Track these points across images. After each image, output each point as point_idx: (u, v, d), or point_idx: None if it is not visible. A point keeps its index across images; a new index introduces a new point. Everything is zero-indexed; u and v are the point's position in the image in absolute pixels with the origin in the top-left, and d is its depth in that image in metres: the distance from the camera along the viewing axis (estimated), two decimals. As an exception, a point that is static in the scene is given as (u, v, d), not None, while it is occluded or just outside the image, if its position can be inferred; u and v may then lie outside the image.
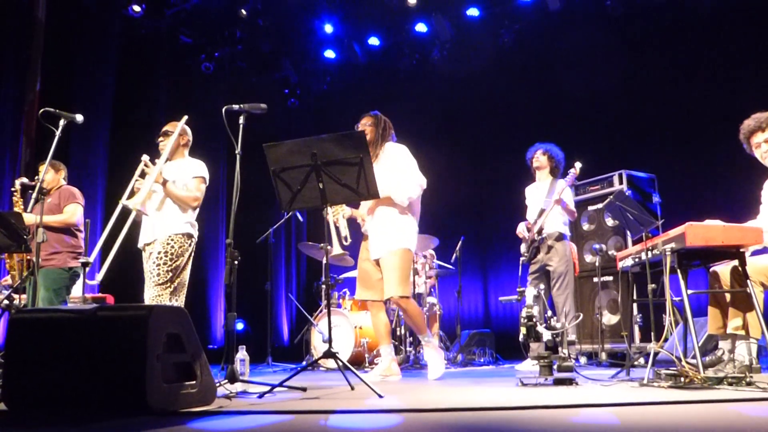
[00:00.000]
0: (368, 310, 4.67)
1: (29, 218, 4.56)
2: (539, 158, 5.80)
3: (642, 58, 8.11)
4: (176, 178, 4.26)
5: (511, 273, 5.76)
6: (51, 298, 4.93)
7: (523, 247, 5.73)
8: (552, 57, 8.83)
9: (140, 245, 4.29)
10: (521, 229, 5.72)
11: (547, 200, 5.58)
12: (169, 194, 4.19)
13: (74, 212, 5.15)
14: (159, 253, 4.09)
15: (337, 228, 4.51)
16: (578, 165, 5.58)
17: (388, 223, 4.36)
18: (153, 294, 4.02)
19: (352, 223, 4.66)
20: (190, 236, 4.23)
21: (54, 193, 5.24)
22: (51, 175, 5.30)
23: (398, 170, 4.38)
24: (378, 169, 4.33)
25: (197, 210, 4.34)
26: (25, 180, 5.21)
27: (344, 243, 4.54)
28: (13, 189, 5.24)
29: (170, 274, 4.06)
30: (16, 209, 5.13)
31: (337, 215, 4.50)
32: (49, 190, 5.24)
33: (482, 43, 9.01)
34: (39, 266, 4.28)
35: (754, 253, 3.80)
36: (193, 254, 4.26)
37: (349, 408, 2.64)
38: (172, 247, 4.11)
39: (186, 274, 4.20)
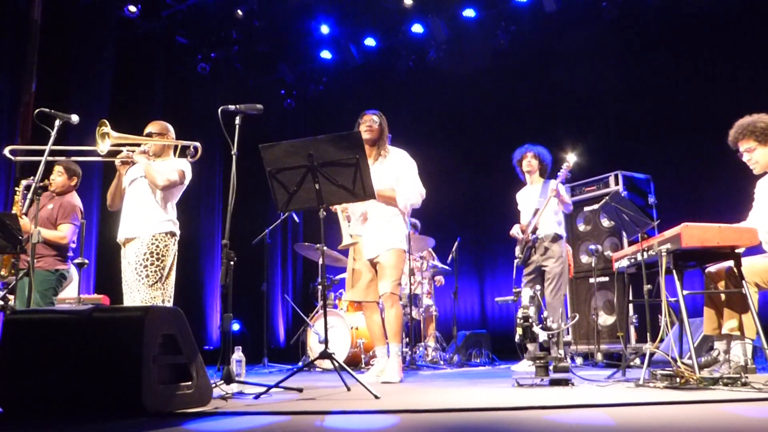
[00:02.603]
0: (364, 311, 4.66)
1: (26, 223, 4.52)
2: (531, 162, 5.79)
3: (638, 59, 8.14)
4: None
5: (507, 274, 5.77)
6: (37, 299, 4.89)
7: (517, 249, 5.73)
8: (548, 58, 8.84)
9: (119, 239, 4.23)
10: (515, 231, 5.72)
11: (541, 200, 5.59)
12: (144, 164, 4.14)
13: (67, 234, 5.02)
14: (145, 254, 4.04)
15: (347, 217, 4.50)
16: (572, 158, 5.55)
17: (385, 223, 4.37)
18: (146, 297, 3.99)
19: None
20: (173, 234, 4.19)
21: (58, 199, 5.11)
22: (63, 179, 5.12)
23: (403, 175, 4.42)
24: (382, 168, 4.36)
25: (175, 204, 4.29)
26: (31, 182, 5.14)
27: (353, 233, 4.53)
28: (16, 188, 5.17)
29: (160, 274, 4.04)
30: (14, 210, 5.09)
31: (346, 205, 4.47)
32: (54, 192, 5.12)
33: (478, 45, 9.01)
34: (34, 267, 4.26)
35: (748, 252, 3.81)
36: (177, 253, 4.23)
37: (345, 409, 2.63)
38: (157, 246, 4.08)
39: (173, 274, 4.18)
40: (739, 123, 3.91)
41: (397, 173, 4.41)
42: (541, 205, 5.56)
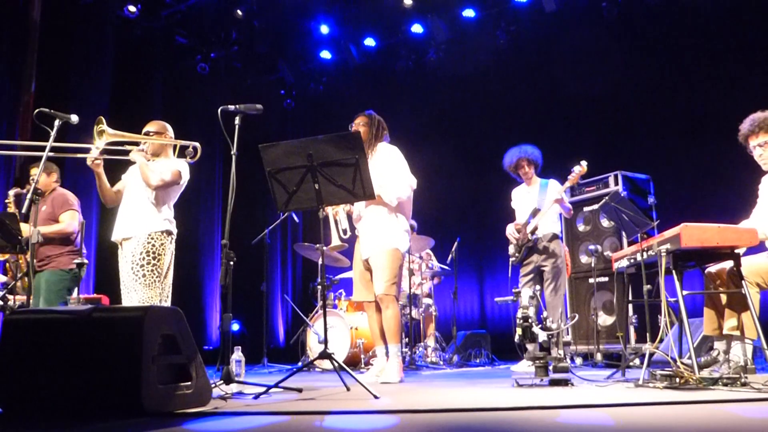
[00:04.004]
0: (364, 311, 4.66)
1: (26, 228, 4.53)
2: (527, 171, 5.75)
3: (637, 59, 8.14)
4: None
5: (506, 274, 5.76)
6: (51, 299, 4.92)
7: (511, 249, 5.72)
8: (548, 58, 8.84)
9: (116, 239, 4.21)
10: (510, 231, 5.71)
11: (541, 199, 5.59)
12: (139, 162, 4.12)
13: (71, 221, 5.09)
14: (141, 253, 4.02)
15: (336, 221, 4.52)
16: (584, 163, 5.48)
17: (377, 223, 4.35)
18: (143, 296, 3.98)
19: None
20: (169, 233, 4.17)
21: (47, 198, 5.14)
22: (43, 178, 5.20)
23: (388, 170, 4.38)
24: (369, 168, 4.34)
25: (172, 205, 4.28)
26: (18, 189, 5.17)
27: (343, 236, 4.55)
28: (6, 201, 5.19)
29: (157, 273, 4.03)
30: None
31: (336, 208, 4.50)
32: (43, 193, 5.17)
33: (478, 44, 9.02)
34: (34, 267, 4.27)
35: (748, 251, 3.80)
36: (174, 252, 4.22)
37: (344, 409, 2.64)
38: (153, 245, 4.05)
39: (171, 273, 4.17)
40: (753, 117, 3.83)
41: (381, 169, 4.36)
42: (541, 204, 5.55)
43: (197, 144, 4.29)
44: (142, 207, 4.15)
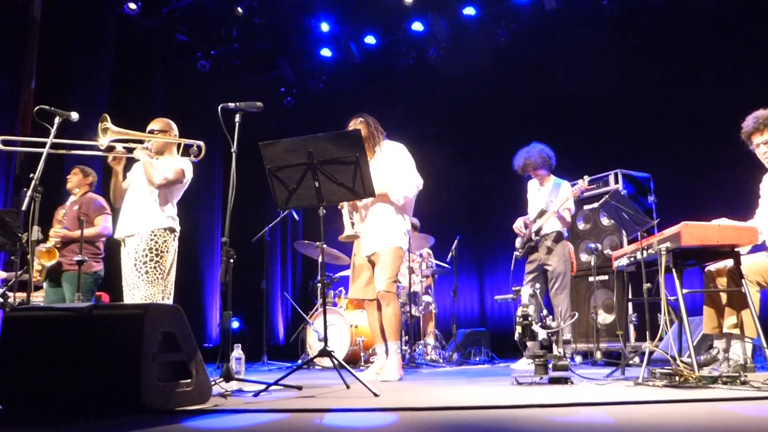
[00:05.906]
0: (364, 309, 4.66)
1: (65, 233, 5.07)
2: (539, 175, 5.76)
3: (638, 57, 8.13)
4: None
5: (507, 272, 5.76)
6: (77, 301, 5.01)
7: (518, 242, 5.73)
8: (548, 56, 8.83)
9: (119, 236, 4.21)
10: (519, 225, 5.72)
11: (550, 200, 5.60)
12: (143, 160, 4.12)
13: (106, 225, 5.33)
14: (144, 250, 4.02)
15: (350, 211, 4.51)
16: (587, 178, 5.57)
17: (383, 220, 4.36)
18: (146, 294, 3.98)
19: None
20: (172, 230, 4.16)
21: (80, 201, 5.35)
22: (78, 179, 5.49)
23: (396, 168, 4.39)
24: (376, 165, 4.33)
25: (175, 203, 4.28)
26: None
27: (354, 225, 4.54)
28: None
29: (159, 270, 4.03)
30: (52, 233, 5.20)
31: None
32: (70, 191, 5.39)
33: (479, 43, 9.01)
34: (33, 266, 4.27)
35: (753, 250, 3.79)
36: (177, 249, 4.22)
37: (344, 406, 2.64)
38: (156, 242, 4.05)
39: (173, 271, 4.17)
40: (757, 114, 3.79)
41: (389, 167, 4.37)
42: (548, 206, 5.56)
43: (201, 143, 4.27)
44: (145, 205, 4.15)
